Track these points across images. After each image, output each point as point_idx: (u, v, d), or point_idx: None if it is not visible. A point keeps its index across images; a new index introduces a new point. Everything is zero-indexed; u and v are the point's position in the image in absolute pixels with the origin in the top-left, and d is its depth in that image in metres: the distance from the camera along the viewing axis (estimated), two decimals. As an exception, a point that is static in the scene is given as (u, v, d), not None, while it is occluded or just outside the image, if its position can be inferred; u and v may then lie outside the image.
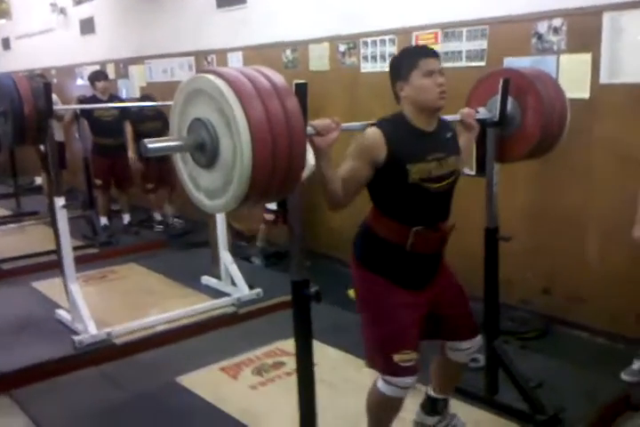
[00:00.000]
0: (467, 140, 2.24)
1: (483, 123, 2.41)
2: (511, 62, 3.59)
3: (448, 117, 2.18)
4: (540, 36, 3.48)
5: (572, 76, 3.36)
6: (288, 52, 5.09)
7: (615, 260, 3.34)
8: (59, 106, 5.32)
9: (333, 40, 4.68)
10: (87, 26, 7.85)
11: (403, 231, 1.95)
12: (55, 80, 8.38)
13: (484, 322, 2.61)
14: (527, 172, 3.64)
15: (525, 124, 2.36)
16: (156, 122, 5.53)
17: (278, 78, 1.56)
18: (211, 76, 1.50)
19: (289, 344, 2.57)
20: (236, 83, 1.47)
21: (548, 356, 3.14)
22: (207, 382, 2.93)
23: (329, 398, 2.61)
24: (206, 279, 4.25)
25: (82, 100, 5.56)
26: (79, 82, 8.18)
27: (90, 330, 3.34)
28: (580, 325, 3.52)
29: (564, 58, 3.39)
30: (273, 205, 1.73)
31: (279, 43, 5.12)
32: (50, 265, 4.38)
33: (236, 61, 5.61)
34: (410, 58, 1.95)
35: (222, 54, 5.76)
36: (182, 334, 3.50)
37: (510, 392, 2.52)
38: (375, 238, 2.01)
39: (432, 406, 2.38)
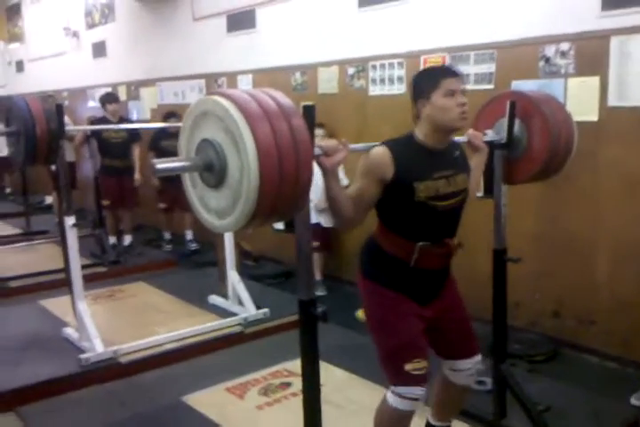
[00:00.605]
0: (478, 163, 2.24)
1: (490, 145, 2.43)
2: (519, 85, 3.63)
3: (456, 139, 2.20)
4: (547, 60, 3.52)
5: (580, 100, 3.39)
6: (297, 74, 5.15)
7: (625, 282, 3.32)
8: (70, 127, 5.39)
9: (342, 63, 4.74)
10: (99, 49, 7.99)
11: (408, 247, 1.96)
12: (67, 102, 8.52)
13: (493, 344, 2.59)
14: (535, 194, 3.65)
15: (532, 147, 2.38)
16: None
17: (285, 99, 1.58)
18: (218, 98, 1.53)
19: (296, 365, 2.57)
20: (243, 103, 1.50)
21: (556, 379, 3.11)
22: (213, 402, 2.91)
23: (335, 420, 2.58)
24: (213, 299, 4.25)
25: (92, 122, 5.65)
26: (91, 104, 8.30)
27: (96, 348, 3.34)
28: (590, 348, 3.48)
29: (572, 81, 3.42)
30: (280, 225, 1.73)
31: (288, 66, 5.19)
32: (58, 283, 4.40)
33: (245, 84, 5.69)
34: (432, 77, 1.96)
35: (232, 77, 5.84)
36: (189, 353, 3.49)
37: (518, 416, 2.49)
38: (381, 253, 2.02)
39: None
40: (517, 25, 3.63)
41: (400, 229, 1.98)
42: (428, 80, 1.96)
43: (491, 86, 3.80)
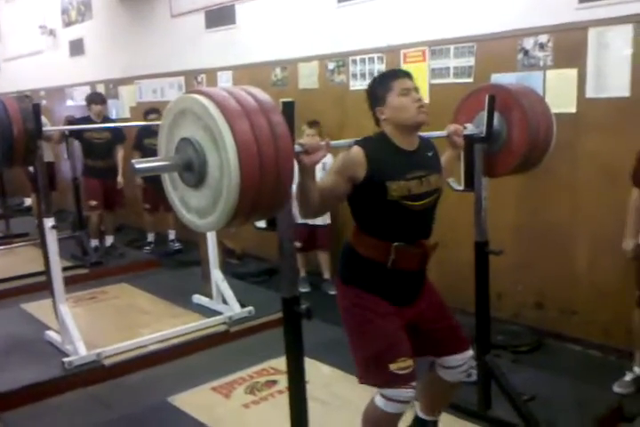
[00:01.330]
0: (450, 158, 2.27)
1: (470, 138, 2.44)
2: (498, 78, 3.64)
3: (435, 134, 2.21)
4: (526, 52, 3.54)
5: (559, 92, 3.41)
6: (278, 70, 5.13)
7: (604, 272, 3.36)
8: (47, 127, 5.32)
9: (322, 58, 4.73)
10: (77, 47, 7.89)
11: (383, 248, 1.97)
12: (44, 101, 8.41)
13: (476, 336, 2.60)
14: (515, 186, 3.67)
15: (511, 140, 2.40)
16: None
17: (263, 95, 1.57)
18: (196, 96, 1.52)
19: (281, 362, 2.55)
20: (222, 101, 1.49)
21: (540, 369, 3.13)
22: (199, 402, 2.89)
23: (321, 416, 2.58)
24: (198, 298, 4.22)
25: (71, 122, 5.56)
26: (69, 103, 8.21)
27: (80, 351, 3.30)
28: (572, 338, 3.52)
29: (551, 73, 3.44)
30: (262, 223, 1.72)
31: (268, 62, 5.17)
32: (39, 286, 4.33)
33: (225, 80, 5.65)
34: (383, 82, 2.01)
35: (212, 74, 5.80)
36: (173, 353, 3.47)
37: (503, 406, 2.51)
38: (357, 256, 2.02)
39: None
40: (496, 18, 3.64)
41: (375, 229, 1.99)
42: (380, 85, 2.01)
43: (470, 80, 3.81)
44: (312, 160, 1.73)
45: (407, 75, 2.02)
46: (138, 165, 1.55)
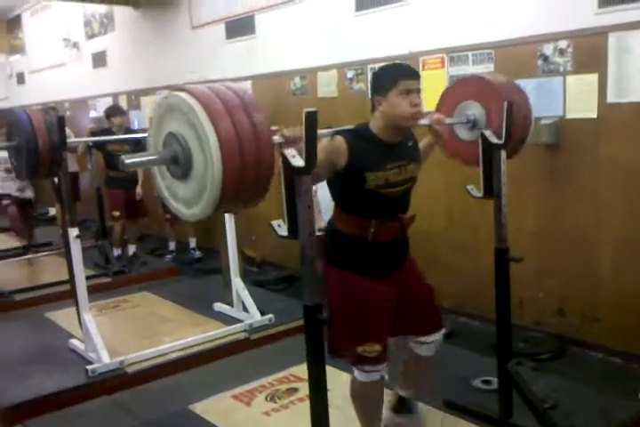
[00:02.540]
0: (429, 145, 2.39)
1: (489, 145, 2.45)
2: (518, 84, 3.62)
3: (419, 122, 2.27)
4: (545, 58, 3.53)
5: (580, 97, 3.40)
6: (297, 79, 5.17)
7: (628, 278, 3.32)
8: (72, 139, 5.39)
9: (341, 67, 4.76)
10: (99, 59, 8.03)
11: (363, 224, 2.09)
12: (68, 113, 8.56)
13: (497, 344, 2.59)
14: (535, 191, 3.66)
15: (490, 128, 2.46)
16: None
17: (246, 93, 1.65)
18: (182, 93, 1.61)
19: (302, 370, 2.56)
20: (205, 98, 1.57)
21: (562, 377, 3.10)
22: (220, 410, 2.91)
23: (342, 424, 2.58)
24: (218, 306, 4.25)
25: (94, 133, 5.65)
26: (92, 114, 8.32)
27: (103, 359, 3.34)
28: (595, 345, 3.48)
29: (571, 79, 3.43)
30: (284, 232, 1.73)
31: (288, 71, 5.21)
32: (63, 295, 4.40)
33: (245, 90, 5.70)
34: (391, 76, 2.06)
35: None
36: (195, 361, 3.49)
37: (525, 415, 2.48)
38: (340, 234, 2.14)
39: (401, 405, 2.50)
40: (515, 24, 3.64)
41: (355, 210, 2.11)
42: (387, 78, 2.07)
43: (488, 86, 3.79)
44: (294, 148, 1.83)
45: (416, 75, 2.08)
46: (127, 161, 1.63)
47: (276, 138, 1.78)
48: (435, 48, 4.09)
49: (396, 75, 2.05)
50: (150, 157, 1.70)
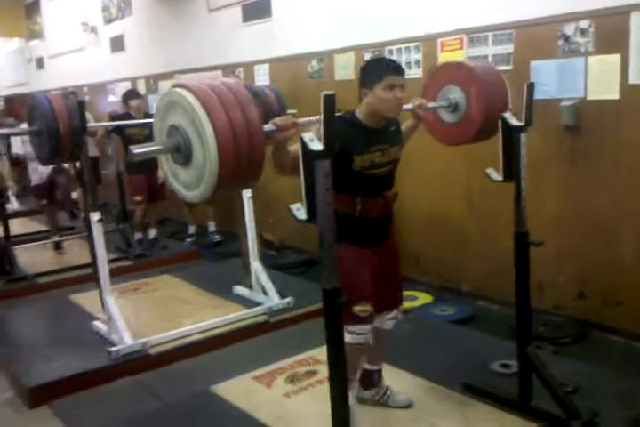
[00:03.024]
0: (410, 127, 2.58)
1: (510, 128, 2.44)
2: (538, 65, 3.58)
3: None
4: (566, 38, 3.46)
5: (601, 78, 3.34)
6: (314, 62, 5.14)
7: (651, 262, 3.29)
8: (91, 123, 5.44)
9: (359, 49, 4.71)
10: (117, 43, 8.04)
11: (351, 201, 2.29)
12: (87, 97, 8.60)
13: (517, 327, 2.59)
14: (556, 175, 3.62)
15: (470, 111, 2.55)
16: None
17: (241, 90, 1.79)
18: (183, 91, 1.74)
19: (321, 353, 2.59)
20: (202, 94, 1.71)
21: (582, 361, 3.10)
22: (241, 391, 2.95)
23: (361, 405, 2.62)
24: (238, 289, 4.29)
25: (114, 117, 5.68)
26: (111, 98, 8.37)
27: (126, 341, 3.40)
28: (616, 329, 3.46)
29: (592, 59, 3.37)
30: (303, 215, 1.75)
31: (305, 54, 5.18)
32: (86, 278, 4.48)
33: (262, 74, 5.69)
34: (378, 71, 2.25)
35: (249, 67, 5.84)
36: (216, 343, 3.54)
37: (545, 398, 2.48)
38: (340, 214, 2.27)
39: (369, 379, 2.67)
40: (535, 3, 3.57)
41: (343, 189, 2.22)
42: (373, 72, 2.27)
43: (509, 67, 3.75)
44: (284, 136, 1.98)
45: (401, 71, 2.27)
46: (136, 151, 1.79)
47: (268, 127, 1.91)
48: (453, 29, 4.03)
49: (382, 70, 2.23)
50: (157, 148, 1.85)
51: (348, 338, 2.32)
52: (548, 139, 3.58)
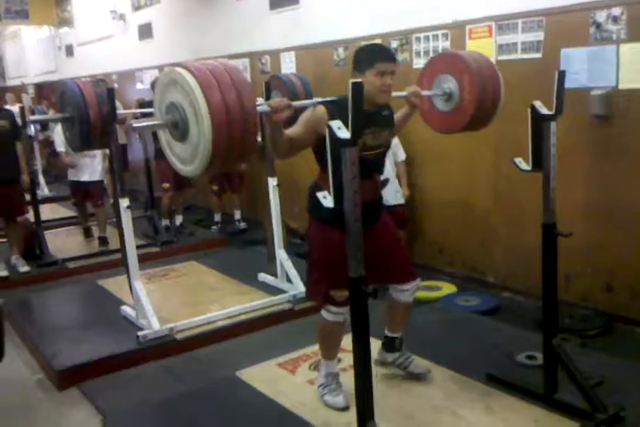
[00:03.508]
0: (405, 115, 2.70)
1: (539, 116, 2.41)
2: (568, 53, 3.52)
3: (396, 94, 2.49)
4: (598, 26, 3.39)
5: (634, 66, 3.27)
6: (340, 50, 5.11)
7: (681, 255, 3.23)
8: (121, 110, 5.49)
9: (385, 37, 4.67)
10: (145, 31, 8.08)
11: None
12: (116, 85, 8.67)
13: (543, 319, 2.57)
14: (585, 165, 3.56)
15: (463, 100, 2.61)
16: None
17: (237, 71, 1.89)
18: (184, 71, 1.83)
19: (344, 340, 2.61)
20: (200, 74, 1.79)
21: (609, 354, 3.06)
22: (266, 377, 2.98)
23: (384, 394, 2.63)
24: (263, 276, 4.32)
25: (142, 104, 5.73)
26: (139, 86, 8.43)
27: (153, 326, 3.45)
28: (644, 322, 3.42)
29: (625, 47, 3.30)
30: (329, 203, 1.76)
31: (331, 41, 5.15)
32: (114, 264, 4.56)
33: (289, 61, 5.68)
34: (369, 57, 2.34)
35: (276, 55, 5.84)
36: (241, 329, 3.59)
37: (570, 391, 2.47)
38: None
39: (390, 345, 2.85)
40: (567, -10, 3.50)
41: None
42: (366, 58, 2.35)
43: (539, 55, 3.69)
44: (279, 118, 2.07)
45: (392, 59, 2.37)
46: (135, 124, 1.95)
47: (262, 108, 2.00)
48: (482, 16, 3.97)
49: (374, 56, 2.32)
50: (156, 122, 1.96)
51: (325, 315, 2.56)
52: (578, 128, 3.52)
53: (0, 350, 1.52)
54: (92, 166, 5.41)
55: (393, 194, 4.23)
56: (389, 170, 3.82)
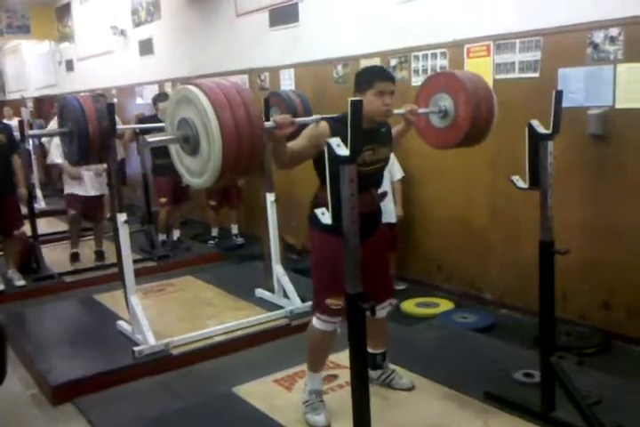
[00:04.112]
0: (401, 131, 2.79)
1: (536, 135, 2.43)
2: (566, 73, 3.56)
3: (394, 112, 2.56)
4: (595, 46, 3.44)
5: (631, 86, 3.31)
6: (339, 67, 5.16)
7: (678, 274, 3.24)
8: (119, 125, 5.51)
9: (384, 55, 4.73)
10: (146, 47, 8.15)
11: None
12: (116, 99, 8.72)
13: (540, 336, 2.57)
14: (582, 184, 3.59)
15: (457, 117, 2.70)
16: None
17: (245, 90, 1.96)
18: (195, 89, 1.88)
19: (341, 357, 2.61)
20: (211, 92, 1.85)
21: (606, 372, 3.05)
22: (262, 393, 2.97)
23: (382, 410, 2.62)
24: (260, 292, 4.31)
25: (141, 119, 5.76)
26: (139, 101, 8.48)
27: (149, 341, 3.43)
28: (642, 340, 3.41)
29: (622, 67, 3.34)
30: (327, 220, 1.78)
31: (330, 59, 5.20)
32: (110, 278, 4.54)
33: (288, 78, 5.73)
34: (369, 77, 2.46)
35: (275, 72, 5.89)
36: (237, 345, 3.57)
37: (567, 409, 2.46)
38: (322, 203, 2.31)
39: (373, 362, 2.87)
40: (564, 11, 3.55)
41: None
42: (366, 79, 2.47)
43: (536, 75, 3.73)
44: (282, 133, 2.17)
45: (391, 79, 2.47)
46: (149, 139, 1.95)
47: (268, 124, 2.07)
48: (480, 35, 4.02)
49: (373, 77, 2.43)
50: (168, 137, 2.01)
51: (316, 324, 2.60)
52: (575, 147, 3.55)
53: (1, 372, 1.50)
54: (94, 180, 5.39)
55: (387, 212, 4.23)
56: (386, 186, 3.83)
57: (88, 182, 5.34)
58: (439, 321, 3.88)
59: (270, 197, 4.11)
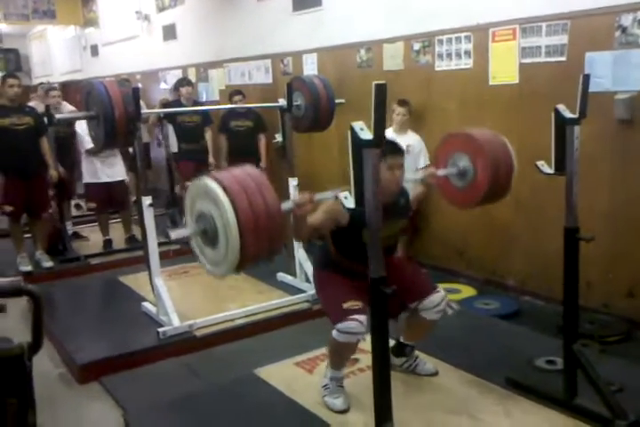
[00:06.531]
0: (420, 194, 2.88)
1: (562, 120, 2.40)
2: (593, 57, 3.50)
3: (411, 178, 2.75)
4: (624, 30, 3.37)
5: (660, 70, 3.24)
6: (362, 52, 5.12)
7: None
8: (144, 110, 5.54)
9: (408, 39, 4.68)
10: (170, 32, 8.16)
11: (354, 266, 2.48)
12: (140, 84, 8.75)
13: (563, 324, 2.56)
14: (609, 170, 3.54)
15: (477, 177, 2.58)
16: (246, 120, 5.71)
17: (262, 179, 1.88)
18: (213, 184, 1.83)
19: (362, 342, 2.62)
20: (232, 194, 1.79)
21: (630, 360, 3.04)
22: (283, 376, 3.00)
23: (402, 395, 2.64)
24: (282, 276, 4.35)
25: (165, 104, 5.79)
26: (162, 86, 8.51)
27: (173, 322, 3.49)
28: (667, 329, 3.38)
29: (651, 51, 3.27)
30: (351, 204, 1.81)
31: (353, 43, 5.17)
32: (135, 260, 4.60)
33: (310, 63, 5.70)
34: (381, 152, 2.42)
35: (298, 56, 5.86)
36: (259, 327, 3.61)
37: (589, 396, 2.45)
38: (329, 259, 2.67)
39: (400, 350, 2.89)
40: (592, -7, 3.48)
41: (347, 254, 2.59)
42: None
43: (563, 58, 3.67)
44: (303, 212, 2.16)
45: (400, 153, 2.53)
46: (174, 235, 2.04)
47: (287, 205, 2.03)
48: (506, 19, 3.96)
49: (384, 152, 2.36)
50: (189, 231, 2.00)
51: (335, 336, 2.52)
52: (602, 133, 3.50)
53: (38, 341, 1.54)
54: (114, 166, 5.44)
55: None
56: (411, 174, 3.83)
57: (106, 169, 5.37)
58: (461, 307, 3.87)
59: (293, 182, 4.13)
